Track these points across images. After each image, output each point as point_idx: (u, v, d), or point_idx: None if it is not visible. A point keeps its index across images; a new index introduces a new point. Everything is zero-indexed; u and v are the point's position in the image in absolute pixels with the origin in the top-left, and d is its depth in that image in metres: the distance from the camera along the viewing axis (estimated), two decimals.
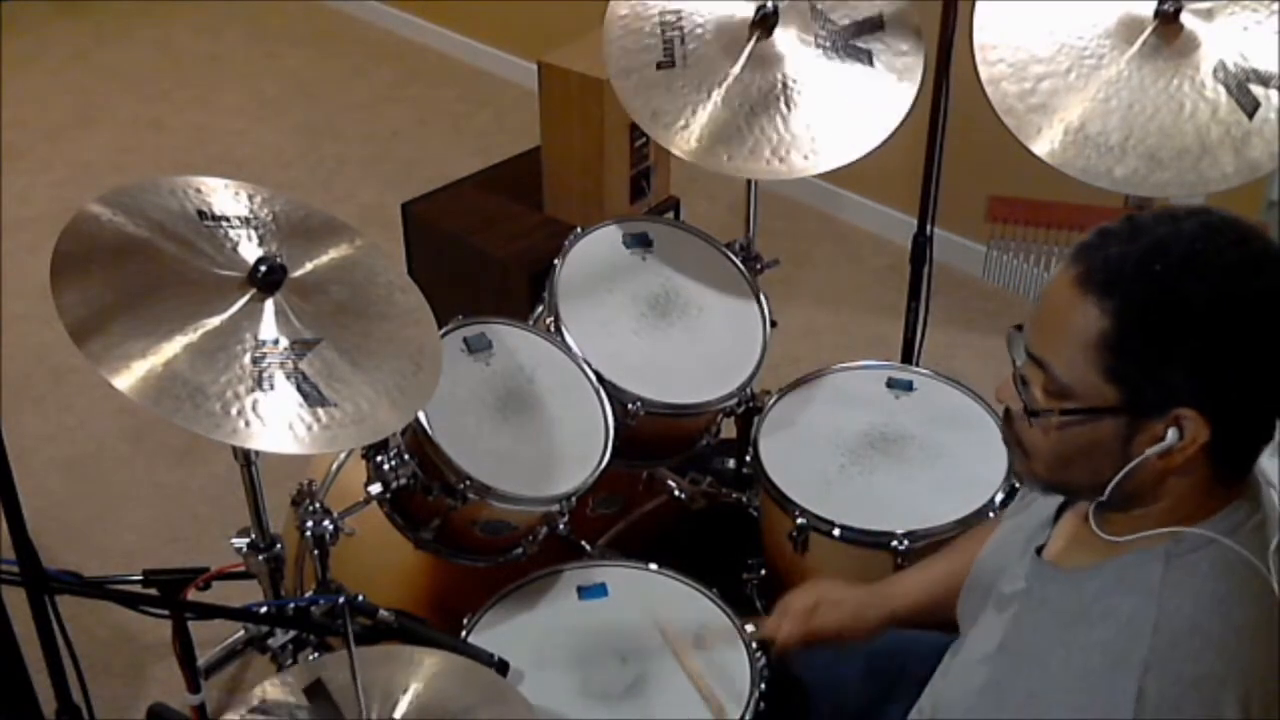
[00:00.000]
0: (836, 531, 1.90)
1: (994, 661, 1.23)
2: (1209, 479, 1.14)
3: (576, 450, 1.92)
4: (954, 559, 1.58)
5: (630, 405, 1.99)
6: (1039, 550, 1.29)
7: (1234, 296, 1.07)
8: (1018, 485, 1.80)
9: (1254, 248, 1.09)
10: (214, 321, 1.54)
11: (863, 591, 1.61)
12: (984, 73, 1.95)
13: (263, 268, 1.58)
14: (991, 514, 1.91)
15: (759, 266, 2.31)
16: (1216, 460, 1.13)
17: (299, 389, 1.53)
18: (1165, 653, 1.08)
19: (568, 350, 2.02)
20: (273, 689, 1.43)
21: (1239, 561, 1.12)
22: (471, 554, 1.91)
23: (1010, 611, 1.26)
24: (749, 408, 2.13)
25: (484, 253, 2.71)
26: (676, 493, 2.35)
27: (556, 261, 2.11)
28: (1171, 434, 1.10)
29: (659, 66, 2.12)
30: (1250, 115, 1.84)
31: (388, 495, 1.84)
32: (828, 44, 2.12)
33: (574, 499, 1.87)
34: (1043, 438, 1.18)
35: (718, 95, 2.09)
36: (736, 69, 2.10)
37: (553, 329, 2.04)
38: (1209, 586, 1.11)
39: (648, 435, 2.04)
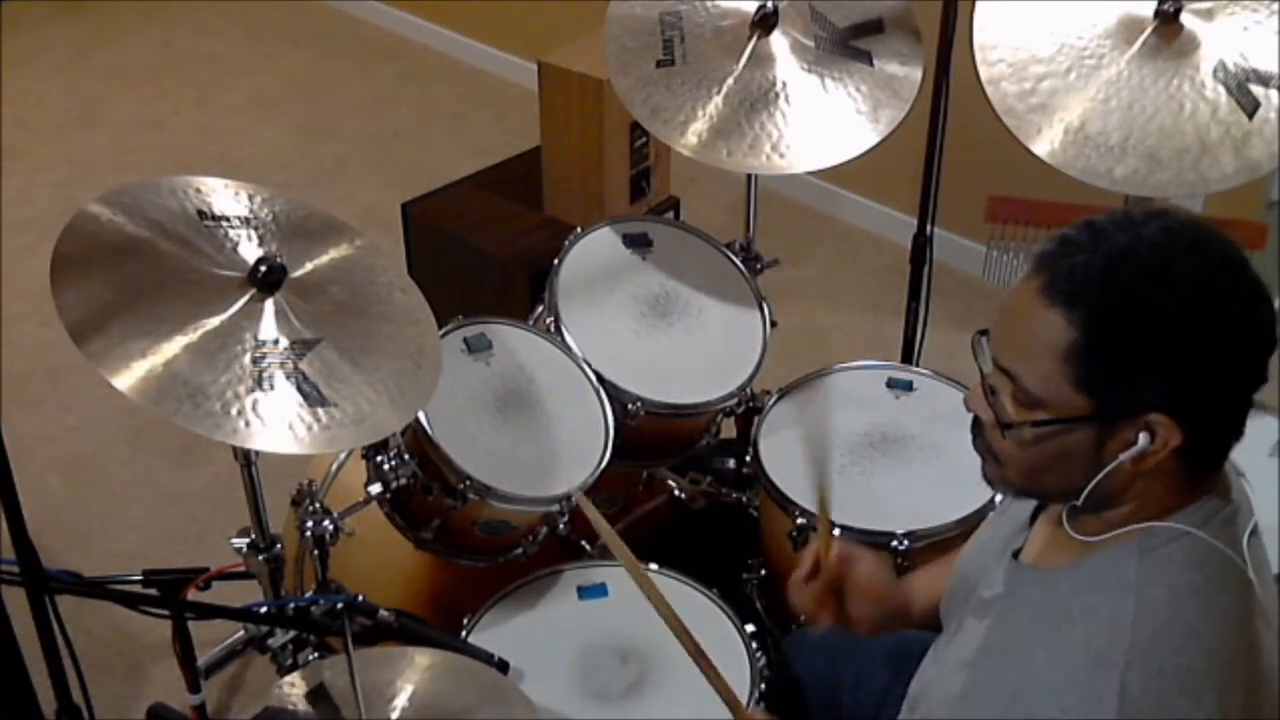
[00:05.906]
0: (836, 531, 1.90)
1: (974, 665, 1.23)
2: (1180, 477, 1.15)
3: (576, 450, 1.92)
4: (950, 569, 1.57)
5: (630, 405, 1.99)
6: (1016, 554, 1.29)
7: (1201, 302, 1.07)
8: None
9: (1215, 251, 1.10)
10: (214, 321, 1.54)
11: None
12: (984, 73, 1.95)
13: (263, 268, 1.58)
14: (991, 514, 1.91)
15: (759, 266, 2.31)
16: (1188, 460, 1.13)
17: (299, 389, 1.53)
18: (1146, 646, 1.08)
19: (568, 350, 2.02)
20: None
21: (1212, 553, 1.13)
22: (471, 554, 1.91)
23: (990, 617, 1.26)
24: (749, 408, 2.13)
25: (484, 253, 2.71)
26: (676, 493, 2.35)
27: (556, 261, 2.11)
28: (1143, 438, 1.10)
29: (659, 65, 2.13)
30: (1250, 115, 1.84)
31: (388, 495, 1.84)
32: (827, 44, 2.13)
33: (574, 499, 1.87)
34: (1015, 448, 1.18)
35: (717, 93, 2.09)
36: (738, 68, 2.11)
37: (553, 329, 2.04)
38: (1185, 578, 1.12)
39: (648, 435, 2.04)
